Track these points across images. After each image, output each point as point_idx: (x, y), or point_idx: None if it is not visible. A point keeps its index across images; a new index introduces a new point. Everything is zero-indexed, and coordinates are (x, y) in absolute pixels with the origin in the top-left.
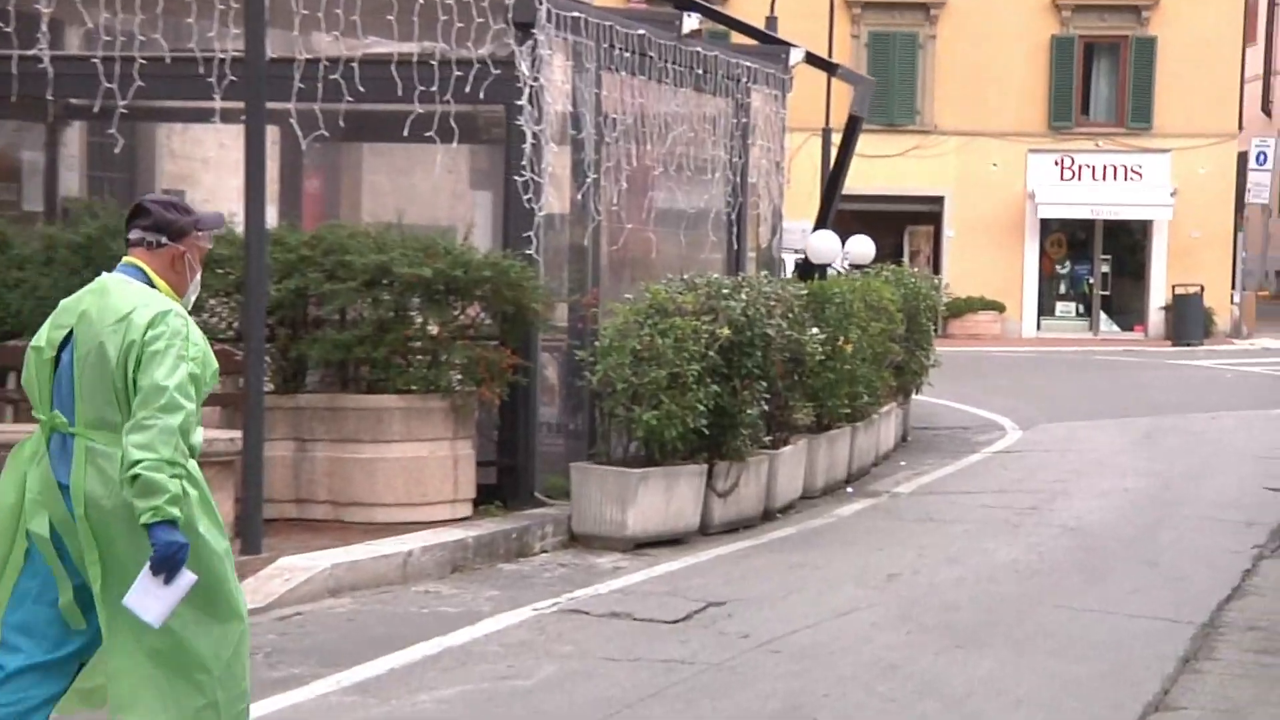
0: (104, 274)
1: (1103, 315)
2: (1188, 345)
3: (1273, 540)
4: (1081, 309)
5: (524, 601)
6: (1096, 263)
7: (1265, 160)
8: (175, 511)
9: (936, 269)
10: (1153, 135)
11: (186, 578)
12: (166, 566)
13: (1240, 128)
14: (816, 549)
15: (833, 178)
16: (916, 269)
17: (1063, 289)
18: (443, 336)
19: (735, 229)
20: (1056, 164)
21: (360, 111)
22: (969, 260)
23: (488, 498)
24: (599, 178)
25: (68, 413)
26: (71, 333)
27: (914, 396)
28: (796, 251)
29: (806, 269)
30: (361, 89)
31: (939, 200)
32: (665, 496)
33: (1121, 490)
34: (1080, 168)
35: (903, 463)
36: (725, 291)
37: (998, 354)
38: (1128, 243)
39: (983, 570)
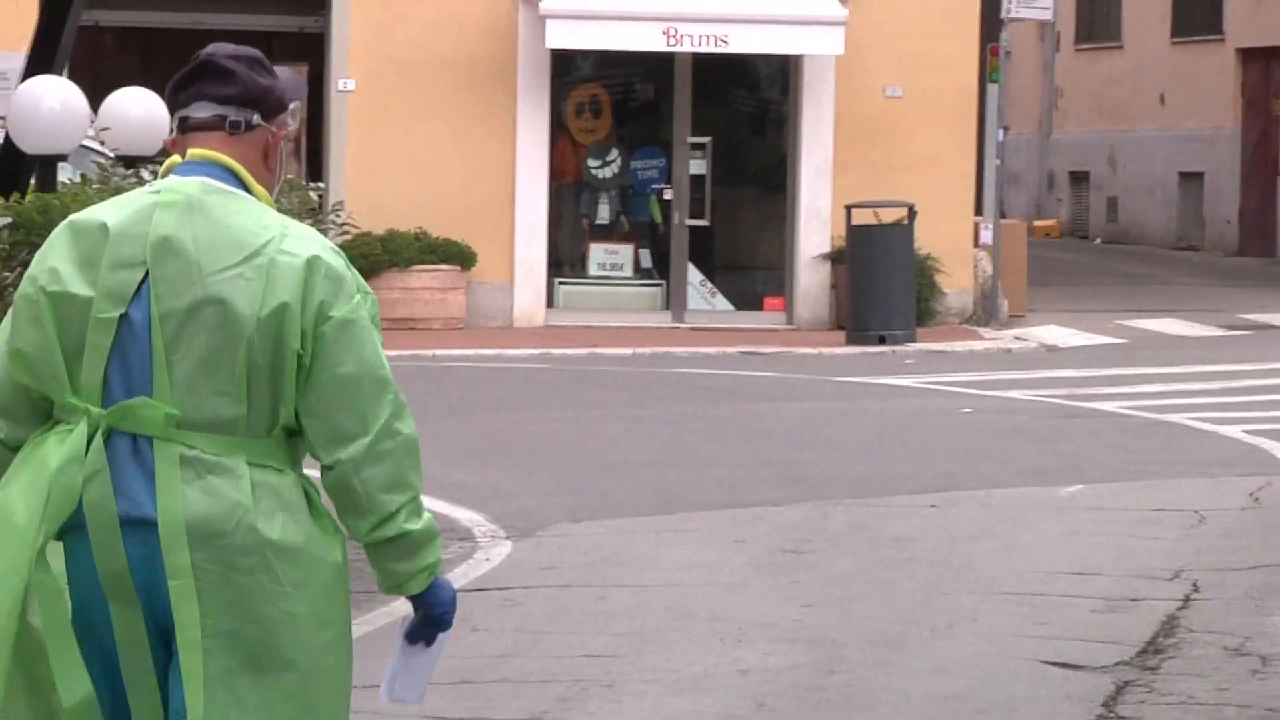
0: (171, 177)
1: (696, 278)
2: (881, 343)
3: None
4: (648, 264)
5: None
6: (679, 157)
7: None
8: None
9: (316, 170)
10: None
11: (443, 634)
12: (434, 631)
13: None
14: None
15: None
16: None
17: (604, 216)
18: None
19: None
20: None
21: None
22: (390, 149)
23: None
24: None
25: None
26: (146, 276)
27: None
28: None
29: (6, 166)
30: None
31: (321, 4)
32: None
33: (733, 676)
34: None
35: None
36: None
37: (459, 363)
38: (748, 110)
39: None
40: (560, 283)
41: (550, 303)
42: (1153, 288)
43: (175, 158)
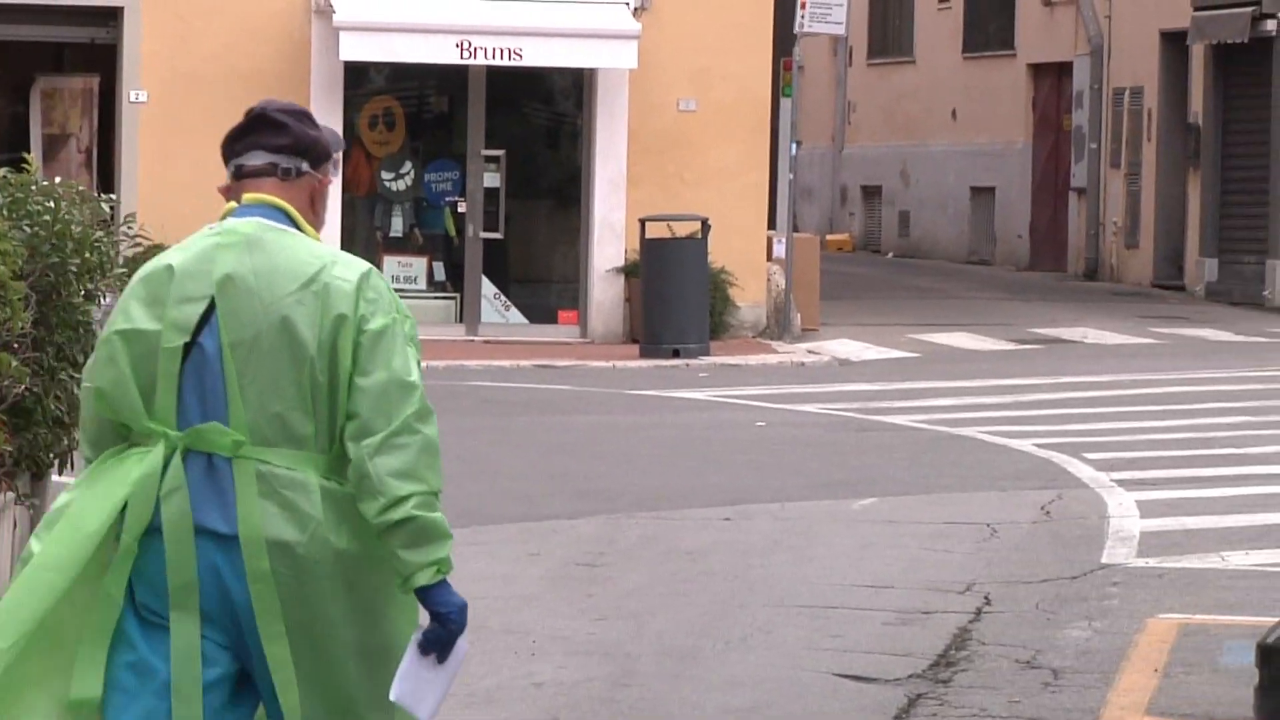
0: (230, 220)
1: (490, 291)
2: (675, 357)
3: None
4: (442, 277)
5: None
6: (473, 170)
7: None
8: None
9: (108, 182)
10: None
11: (461, 650)
12: (444, 642)
13: None
14: None
15: None
16: (63, 180)
17: (397, 229)
18: None
19: None
20: None
21: None
22: (182, 161)
23: None
24: None
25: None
26: (212, 306)
27: (58, 478)
28: None
29: None
30: None
31: (112, 15)
32: None
33: (527, 689)
34: None
35: None
36: None
37: None
38: (543, 123)
39: None
40: None
41: None
42: (944, 302)
43: (232, 204)
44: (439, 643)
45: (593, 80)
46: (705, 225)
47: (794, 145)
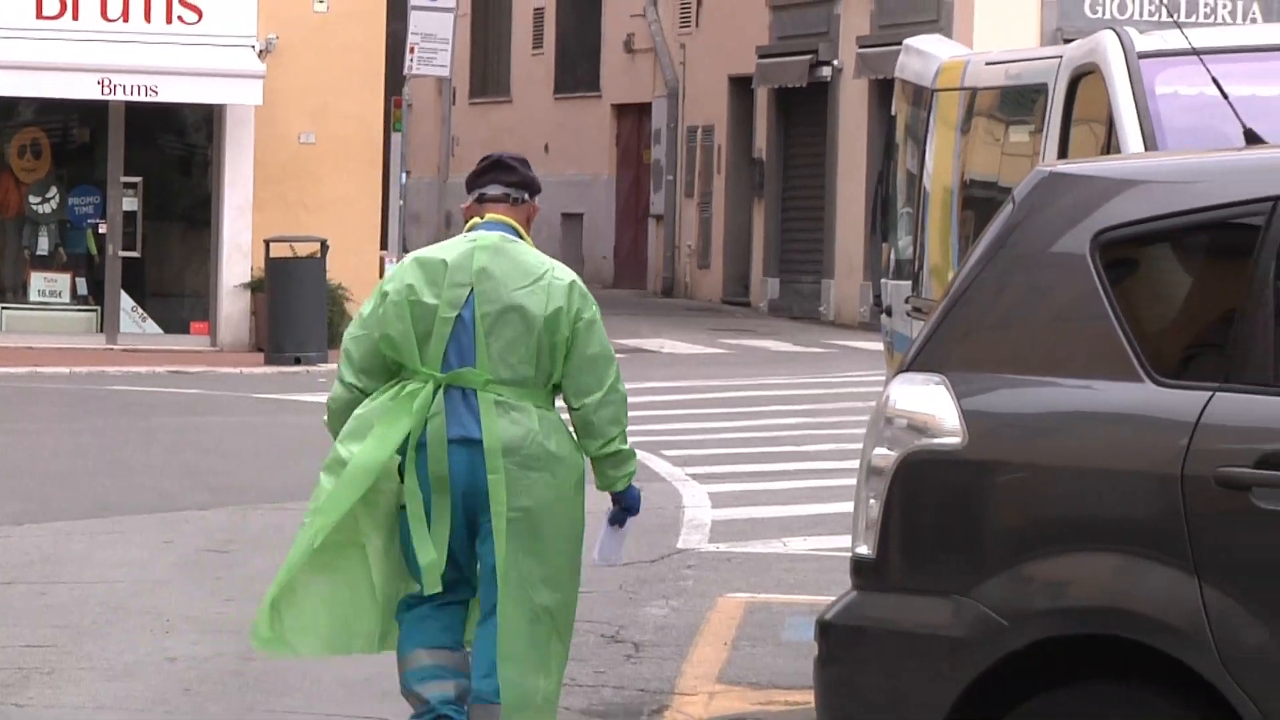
0: (479, 230)
1: (128, 304)
2: (296, 364)
3: None
4: (84, 291)
5: None
6: (113, 195)
7: None
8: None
9: None
10: None
11: (631, 522)
12: (626, 518)
13: None
14: None
15: None
16: None
17: (44, 248)
18: None
19: None
20: None
21: None
22: None
23: None
24: None
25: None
26: (471, 292)
27: None
28: None
29: None
30: None
31: None
32: None
33: (161, 664)
34: None
35: None
36: None
37: None
38: (177, 153)
39: None
40: (3, 308)
41: None
42: None
43: (475, 219)
44: (622, 519)
45: (222, 115)
46: (324, 246)
47: (404, 175)
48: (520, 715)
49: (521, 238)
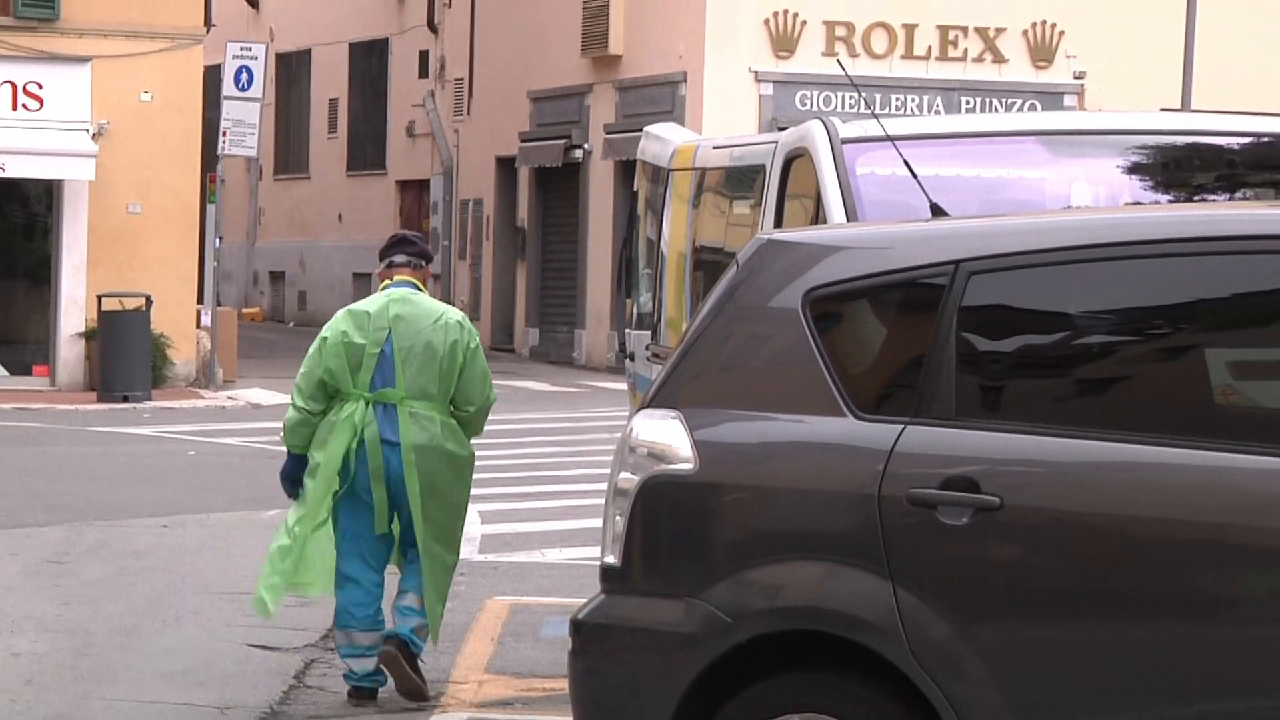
0: (391, 288)
1: None
2: (125, 402)
3: None
4: None
5: None
6: None
7: (251, 82)
8: None
9: None
10: (60, 31)
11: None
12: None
13: (209, 24)
14: None
15: None
16: None
17: None
18: None
19: None
20: None
21: None
22: None
23: None
24: None
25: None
26: (389, 332)
27: None
28: None
29: None
30: None
31: None
32: None
33: (7, 659)
34: None
35: None
36: None
37: None
38: (21, 220)
39: None
40: None
41: None
42: None
43: (387, 280)
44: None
45: (60, 188)
46: (148, 300)
47: (217, 240)
48: (433, 623)
49: (421, 291)
